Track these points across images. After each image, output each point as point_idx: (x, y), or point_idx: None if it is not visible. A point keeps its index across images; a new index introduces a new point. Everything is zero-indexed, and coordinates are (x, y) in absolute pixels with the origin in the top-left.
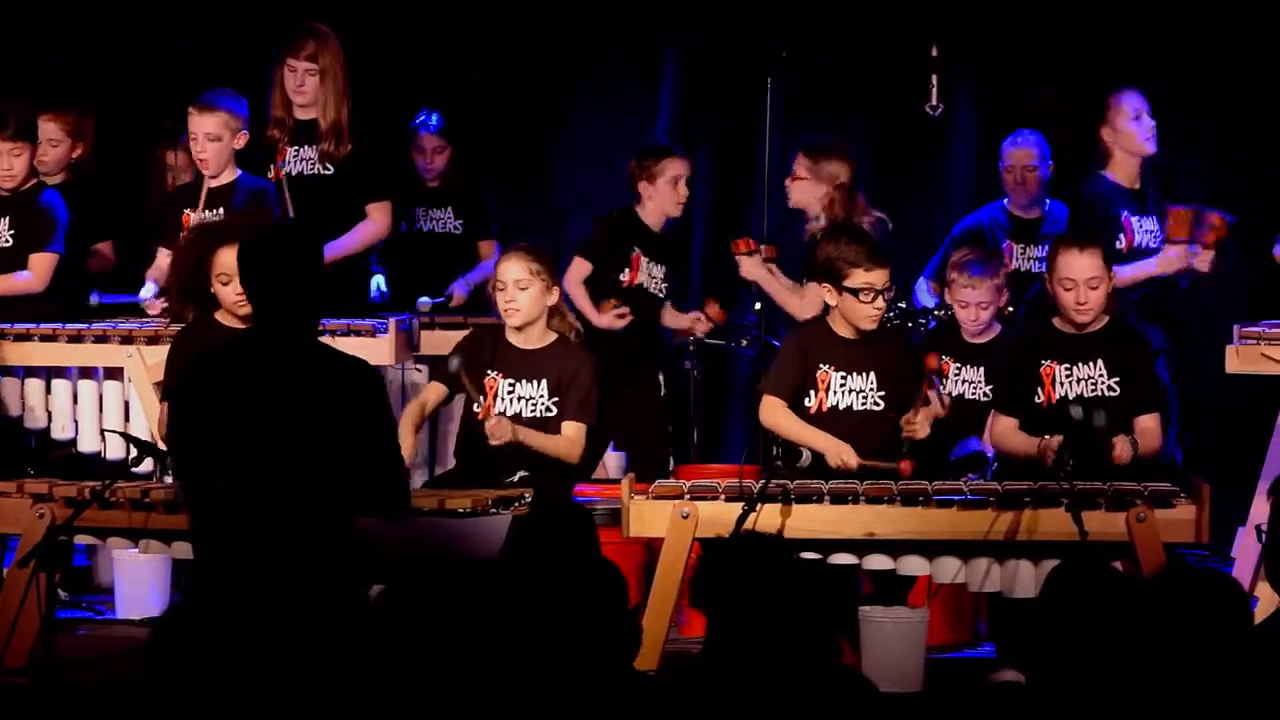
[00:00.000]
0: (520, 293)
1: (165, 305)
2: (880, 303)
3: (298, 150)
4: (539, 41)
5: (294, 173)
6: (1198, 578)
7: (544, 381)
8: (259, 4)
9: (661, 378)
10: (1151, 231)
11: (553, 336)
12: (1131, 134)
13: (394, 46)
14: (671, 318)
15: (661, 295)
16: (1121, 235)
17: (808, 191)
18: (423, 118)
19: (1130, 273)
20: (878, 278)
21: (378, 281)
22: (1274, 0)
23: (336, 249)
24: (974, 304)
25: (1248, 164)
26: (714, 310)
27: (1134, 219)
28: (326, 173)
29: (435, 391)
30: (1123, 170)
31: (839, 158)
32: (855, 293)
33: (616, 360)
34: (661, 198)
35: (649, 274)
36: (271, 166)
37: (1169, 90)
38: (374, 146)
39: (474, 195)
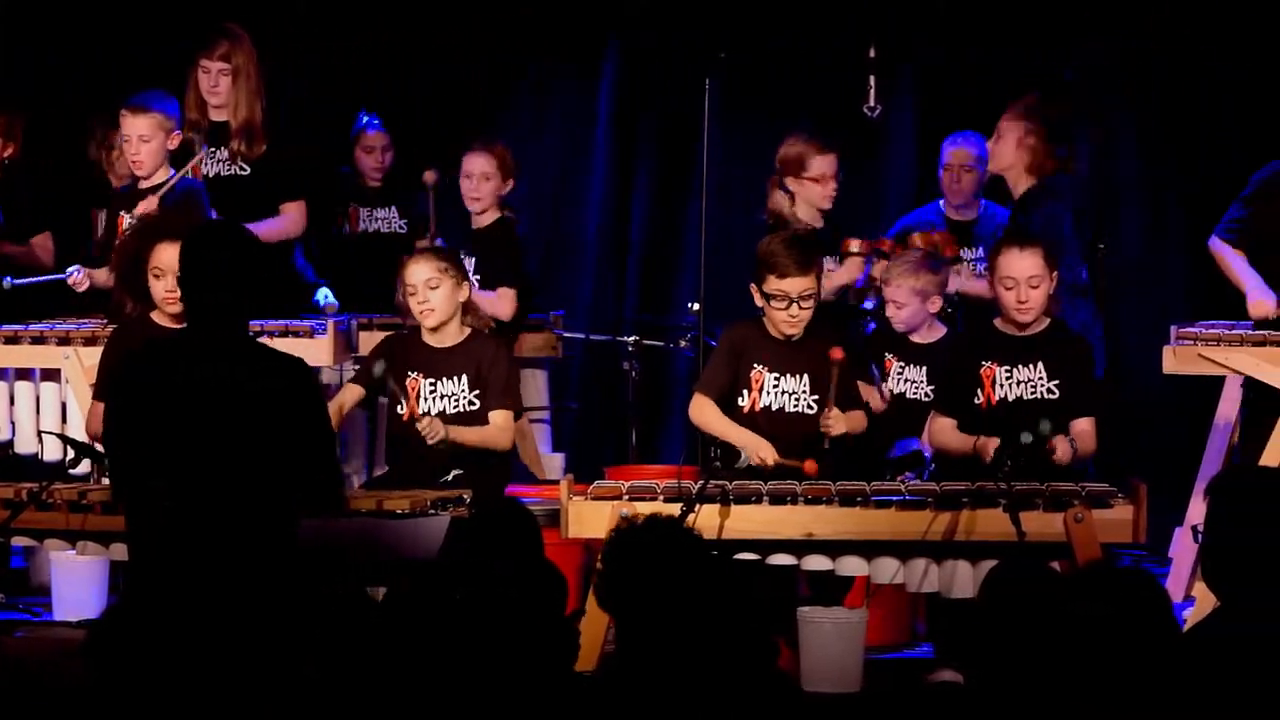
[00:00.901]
0: (432, 293)
1: (89, 282)
2: (796, 310)
3: (214, 151)
4: (478, 42)
5: (210, 174)
6: (1120, 576)
7: (464, 377)
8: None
9: None
10: None
11: (467, 332)
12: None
13: (334, 49)
14: None
15: None
16: None
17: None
18: (364, 119)
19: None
20: (792, 285)
21: (324, 294)
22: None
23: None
24: (890, 301)
25: (1179, 163)
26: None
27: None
28: (243, 173)
29: (352, 393)
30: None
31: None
32: (769, 298)
33: None
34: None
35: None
36: (188, 167)
37: (1105, 89)
38: (291, 147)
39: (417, 195)
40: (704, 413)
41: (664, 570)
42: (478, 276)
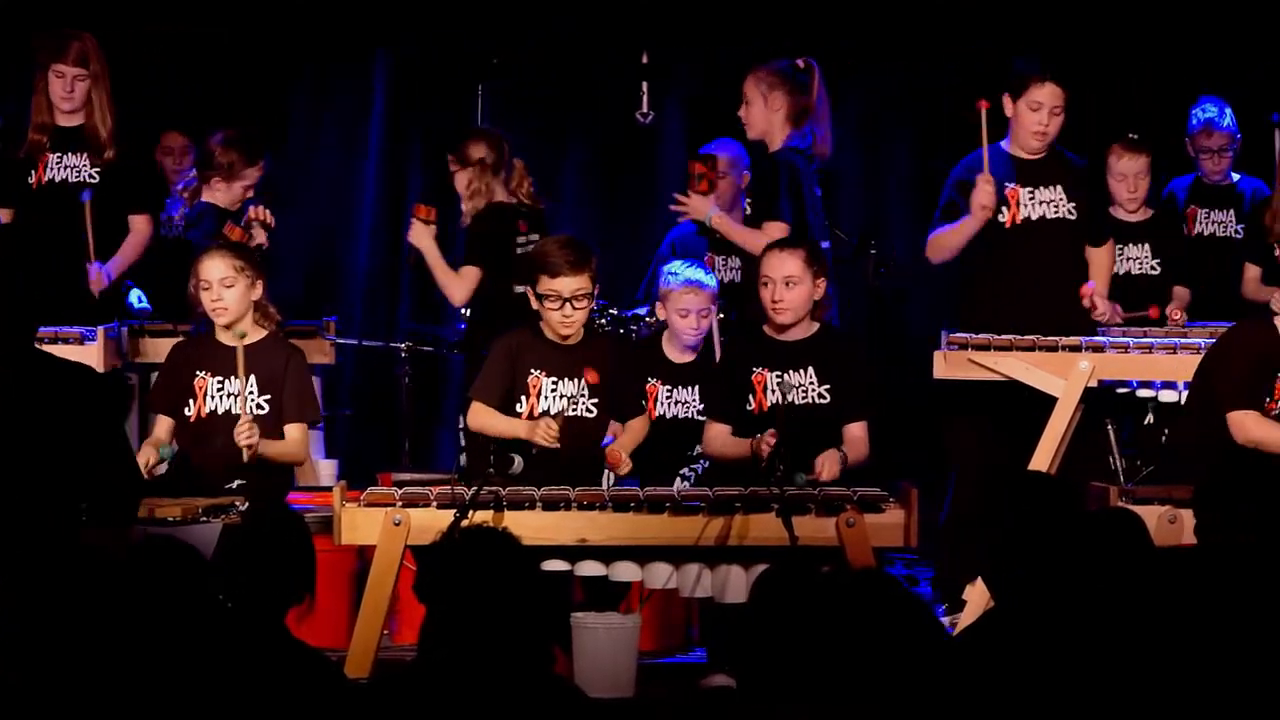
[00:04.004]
0: (226, 290)
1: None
2: (569, 310)
3: (60, 157)
4: (256, 41)
5: (56, 179)
6: (860, 577)
7: (251, 377)
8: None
9: None
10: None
11: (260, 333)
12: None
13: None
14: None
15: None
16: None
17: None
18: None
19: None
20: (564, 285)
21: (137, 295)
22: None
23: (120, 265)
24: (694, 311)
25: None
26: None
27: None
28: (92, 181)
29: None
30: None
31: (477, 140)
32: (542, 299)
33: None
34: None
35: None
36: (32, 173)
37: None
38: (138, 156)
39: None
40: (482, 417)
41: (487, 571)
42: None
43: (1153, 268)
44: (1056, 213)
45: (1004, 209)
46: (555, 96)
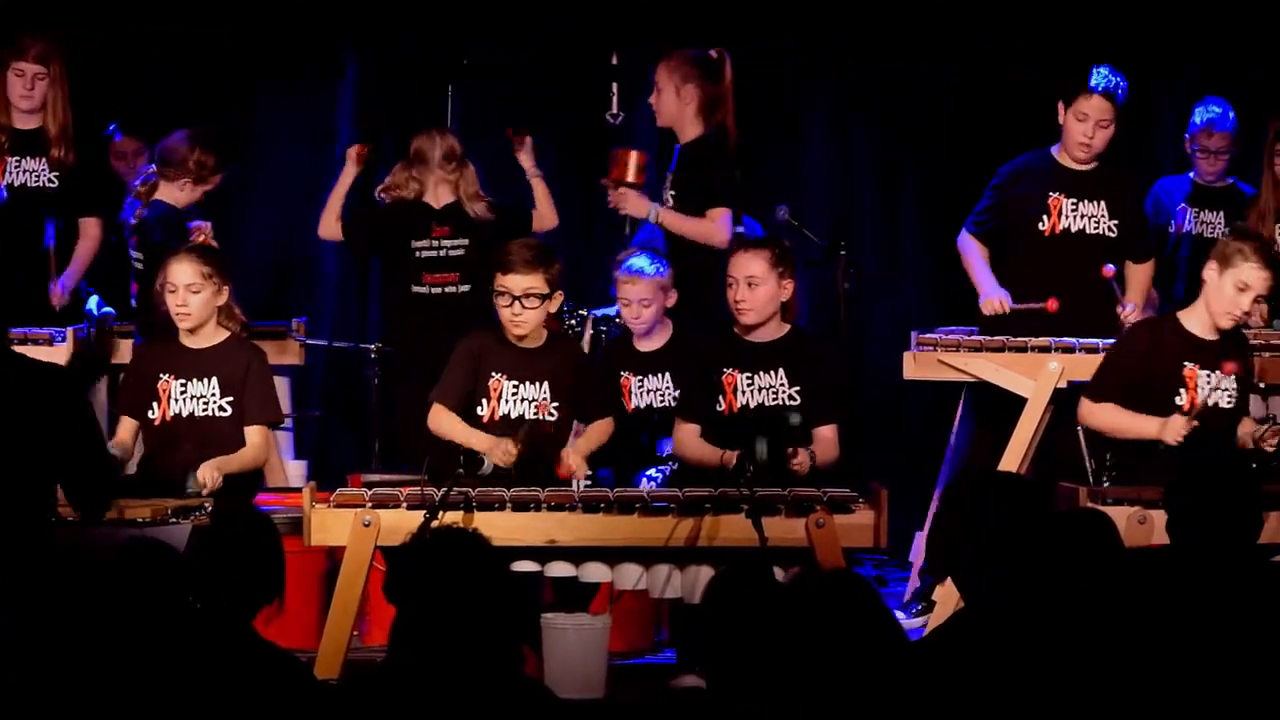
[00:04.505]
0: (192, 296)
1: None
2: (519, 308)
3: (19, 161)
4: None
5: (15, 184)
6: (826, 579)
7: (214, 380)
8: None
9: None
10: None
11: (223, 334)
12: None
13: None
14: None
15: None
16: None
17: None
18: (113, 127)
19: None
20: (514, 283)
21: (94, 300)
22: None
23: (75, 274)
24: (634, 300)
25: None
26: None
27: None
28: (51, 186)
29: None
30: None
31: (421, 135)
32: (496, 295)
33: None
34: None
35: None
36: None
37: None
38: (93, 160)
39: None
40: (441, 421)
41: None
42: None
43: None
44: (1097, 228)
45: (1044, 217)
46: (526, 97)
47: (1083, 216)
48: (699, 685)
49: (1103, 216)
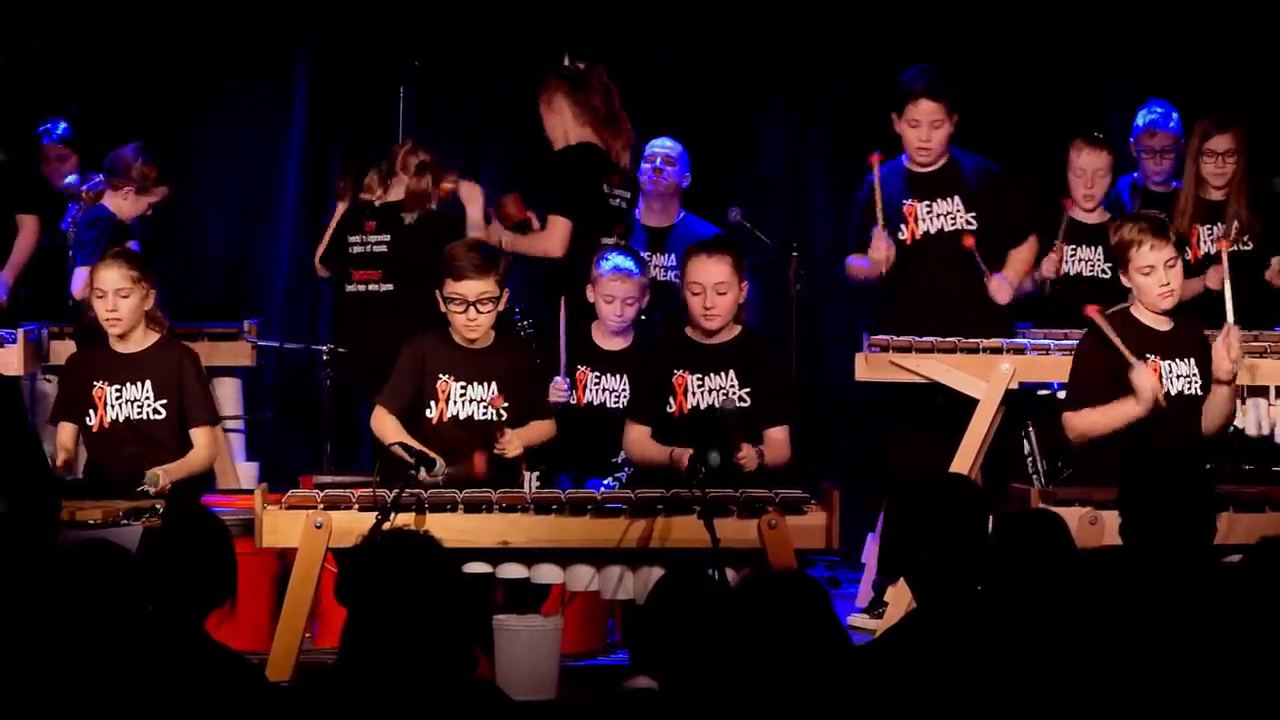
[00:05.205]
0: (121, 301)
1: None
2: (473, 314)
3: None
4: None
5: None
6: (774, 580)
7: (148, 383)
8: None
9: None
10: None
11: (153, 337)
12: None
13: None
14: None
15: None
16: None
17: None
18: (47, 126)
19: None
20: (468, 289)
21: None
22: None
23: (12, 272)
24: (620, 299)
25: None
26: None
27: None
28: None
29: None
30: None
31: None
32: (448, 301)
33: None
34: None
35: None
36: None
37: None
38: (24, 158)
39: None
40: (382, 424)
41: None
42: None
43: (1103, 270)
44: (954, 224)
45: (903, 226)
46: (478, 100)
47: (939, 216)
48: (651, 686)
49: (959, 211)
